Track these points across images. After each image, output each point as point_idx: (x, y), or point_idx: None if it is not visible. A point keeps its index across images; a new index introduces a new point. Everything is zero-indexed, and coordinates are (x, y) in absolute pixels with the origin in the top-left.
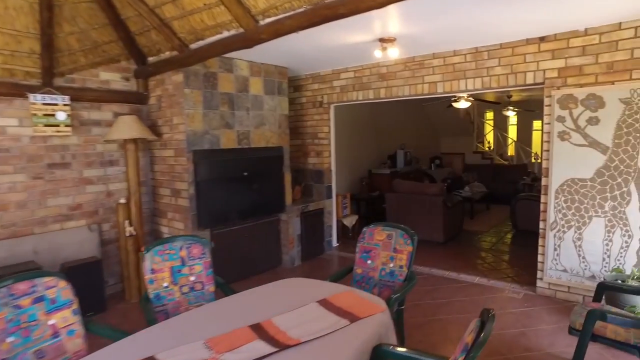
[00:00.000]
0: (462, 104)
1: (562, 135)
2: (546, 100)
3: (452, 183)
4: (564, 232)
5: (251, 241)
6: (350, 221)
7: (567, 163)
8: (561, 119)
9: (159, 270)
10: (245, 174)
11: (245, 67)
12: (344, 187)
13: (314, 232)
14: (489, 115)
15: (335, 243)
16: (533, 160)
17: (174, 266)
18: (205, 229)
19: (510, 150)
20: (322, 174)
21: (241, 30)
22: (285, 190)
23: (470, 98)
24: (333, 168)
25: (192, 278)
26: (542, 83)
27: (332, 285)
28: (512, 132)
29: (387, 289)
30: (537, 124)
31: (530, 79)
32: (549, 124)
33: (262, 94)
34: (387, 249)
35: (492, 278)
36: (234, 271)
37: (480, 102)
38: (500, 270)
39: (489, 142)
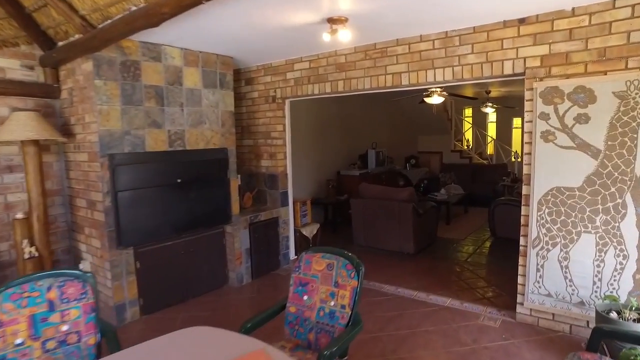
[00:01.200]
0: (435, 99)
1: (546, 136)
2: (527, 94)
3: (428, 184)
4: (548, 250)
5: (189, 258)
6: (310, 231)
7: (551, 169)
8: (545, 116)
9: (9, 322)
10: (179, 180)
11: (177, 55)
12: (308, 192)
13: (267, 245)
14: (468, 112)
15: (293, 256)
16: (513, 159)
17: (36, 314)
18: (127, 247)
19: (490, 149)
20: (276, 178)
21: (142, 4)
22: (231, 198)
23: (444, 93)
24: (289, 172)
25: (64, 328)
26: (523, 74)
27: (243, 339)
28: (492, 130)
29: (324, 335)
30: (517, 122)
31: (508, 69)
32: (530, 122)
33: (200, 88)
34: (328, 282)
35: (467, 300)
36: (168, 295)
37: (455, 98)
38: (476, 289)
39: (467, 141)
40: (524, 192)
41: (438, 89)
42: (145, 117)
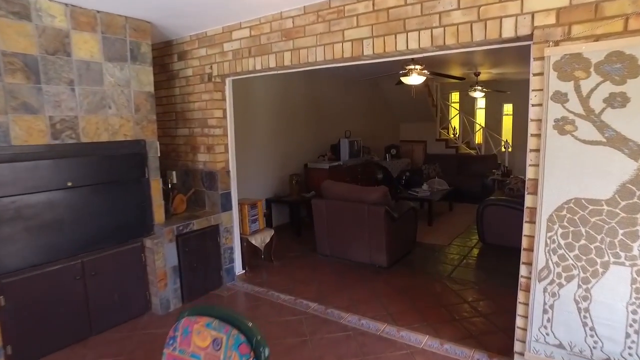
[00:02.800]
0: (414, 79)
1: (562, 126)
2: (535, 66)
3: (410, 176)
4: (561, 285)
5: (91, 284)
6: (261, 239)
7: (569, 172)
8: (561, 98)
9: None
10: (71, 184)
11: (58, 12)
12: (268, 188)
13: (204, 260)
14: (455, 97)
15: (240, 270)
16: (503, 150)
17: None
18: None
19: (478, 138)
20: (215, 177)
21: None
22: (152, 204)
23: (425, 71)
24: (232, 168)
25: None
26: (529, 37)
27: None
28: (480, 117)
29: None
30: (507, 108)
31: (509, 30)
32: (539, 105)
33: (100, 60)
34: None
35: (448, 337)
36: (57, 335)
37: (440, 79)
38: (461, 320)
39: (454, 129)
40: (527, 203)
41: (417, 67)
42: (7, 98)
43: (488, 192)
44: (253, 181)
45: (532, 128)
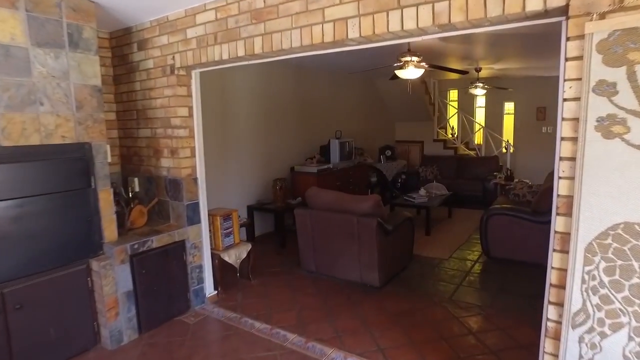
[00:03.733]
0: (411, 72)
1: (608, 126)
2: (570, 48)
3: (406, 179)
4: (604, 335)
5: (14, 320)
6: (236, 255)
7: (617, 188)
8: (607, 89)
9: None
10: None
11: None
12: (248, 195)
13: (166, 282)
14: (453, 95)
15: (211, 291)
16: (504, 151)
17: None
18: None
19: (478, 138)
20: (179, 185)
21: None
22: (101, 218)
23: (423, 63)
24: (200, 175)
25: None
26: (563, 9)
27: None
28: (480, 117)
29: None
30: (508, 107)
31: (535, 2)
32: (575, 100)
33: (26, 45)
34: None
35: None
36: None
37: (437, 74)
38: (466, 359)
39: (452, 128)
40: (557, 227)
41: (414, 59)
42: None
43: (490, 197)
44: (233, 187)
45: (565, 130)
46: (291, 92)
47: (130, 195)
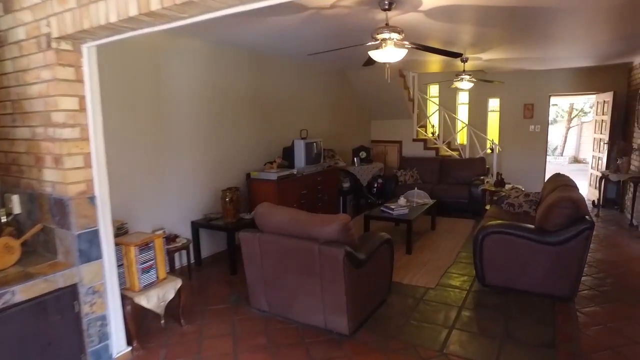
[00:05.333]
0: (390, 54)
1: None
2: None
3: (383, 184)
4: None
5: None
6: (159, 297)
7: None
8: None
9: None
10: None
11: None
12: (192, 209)
13: (44, 347)
14: (434, 90)
15: (122, 348)
16: (489, 151)
17: None
18: None
19: (461, 138)
20: (66, 207)
21: None
22: None
23: (406, 42)
24: (100, 191)
25: None
26: None
27: None
28: (463, 114)
29: None
30: (493, 103)
31: None
32: None
33: None
34: None
35: None
36: None
37: (418, 63)
38: None
39: (433, 127)
40: None
41: (394, 36)
42: None
43: (477, 205)
44: (172, 200)
45: None
46: (248, 84)
47: (5, 220)
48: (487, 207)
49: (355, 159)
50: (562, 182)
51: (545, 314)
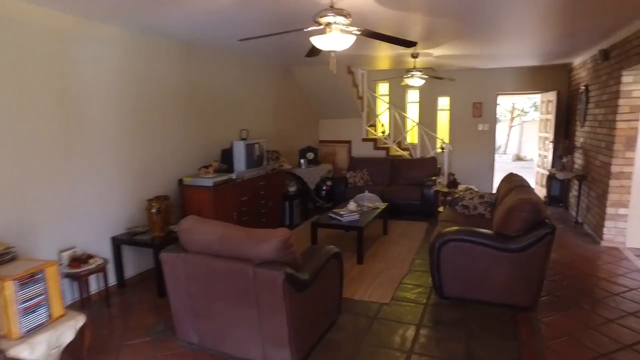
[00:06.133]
0: (335, 40)
1: None
2: None
3: (332, 186)
4: None
5: None
6: (48, 344)
7: None
8: None
9: None
10: None
11: None
12: (114, 221)
13: None
14: (383, 87)
15: None
16: (440, 150)
17: None
18: None
19: (412, 137)
20: None
21: None
22: None
23: (354, 29)
24: None
25: None
26: None
27: None
28: (413, 113)
29: None
30: (443, 102)
31: None
32: None
33: None
34: None
35: None
36: None
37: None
38: None
39: (383, 126)
40: None
41: (341, 20)
42: None
43: (430, 207)
44: (88, 212)
45: None
46: (179, 79)
47: None
48: (440, 209)
49: (301, 160)
50: (517, 183)
51: (508, 327)
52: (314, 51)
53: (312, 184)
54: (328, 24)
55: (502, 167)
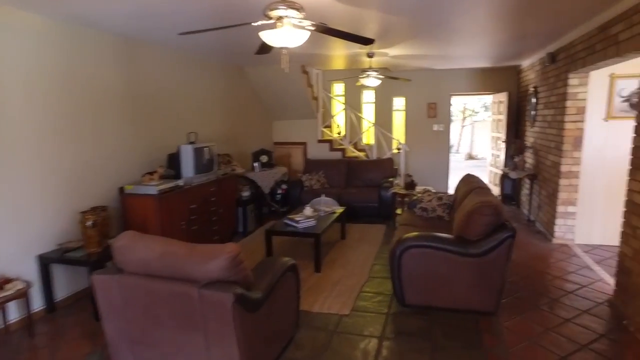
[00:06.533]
0: (287, 35)
1: None
2: None
3: (288, 189)
4: None
5: None
6: None
7: None
8: None
9: None
10: None
11: None
12: (37, 240)
13: None
14: (339, 87)
15: None
16: (396, 151)
17: None
18: None
19: (368, 138)
20: None
21: None
22: None
23: (308, 23)
24: None
25: None
26: None
27: None
28: (369, 113)
29: None
30: (398, 102)
31: None
32: None
33: None
34: None
35: None
36: None
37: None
38: None
39: (339, 127)
40: None
41: (293, 14)
42: None
43: (388, 209)
44: (8, 227)
45: None
46: (117, 77)
47: None
48: (398, 211)
49: (255, 164)
50: (475, 184)
51: (472, 334)
52: (264, 48)
53: (266, 188)
54: (279, 18)
55: (455, 166)
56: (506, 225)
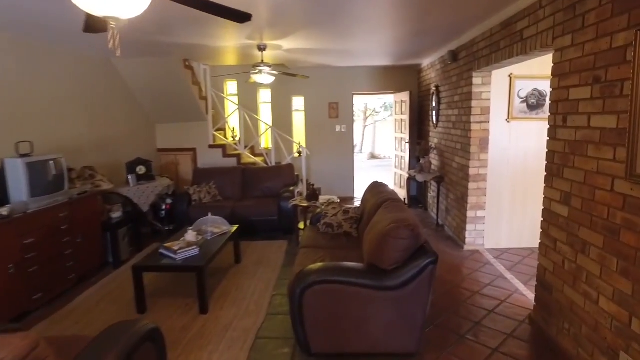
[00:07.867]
0: (113, 3)
1: None
2: None
3: (174, 204)
4: None
5: None
6: None
7: None
8: None
9: None
10: None
11: None
12: None
13: None
14: (232, 85)
15: None
16: (296, 155)
17: None
18: None
19: (266, 142)
20: None
21: None
22: None
23: None
24: None
25: None
26: None
27: None
28: (266, 115)
29: None
30: (298, 102)
31: None
32: None
33: None
34: None
35: None
36: None
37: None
38: None
39: (233, 130)
40: None
41: None
42: None
43: (289, 222)
44: None
45: None
46: None
47: None
48: (301, 225)
49: (129, 176)
50: (385, 196)
51: None
52: (91, 25)
53: (145, 205)
54: None
55: (359, 167)
56: (425, 248)
